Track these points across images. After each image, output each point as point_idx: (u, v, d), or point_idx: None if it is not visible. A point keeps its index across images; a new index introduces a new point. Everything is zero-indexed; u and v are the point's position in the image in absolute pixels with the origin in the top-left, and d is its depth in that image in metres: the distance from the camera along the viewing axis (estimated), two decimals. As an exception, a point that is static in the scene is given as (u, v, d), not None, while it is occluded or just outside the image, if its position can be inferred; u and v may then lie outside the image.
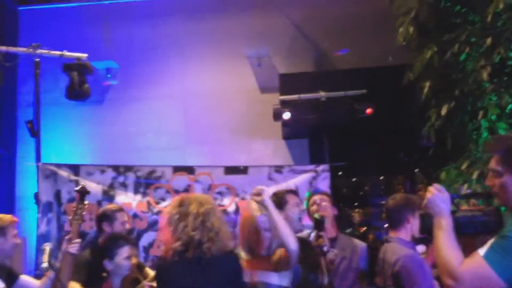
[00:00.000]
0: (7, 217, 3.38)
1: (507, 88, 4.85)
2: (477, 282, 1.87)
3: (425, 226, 2.51)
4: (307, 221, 4.10)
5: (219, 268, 2.48)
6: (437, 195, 2.11)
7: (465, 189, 4.88)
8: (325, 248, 3.23)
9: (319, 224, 3.33)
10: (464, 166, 4.92)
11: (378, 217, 8.45)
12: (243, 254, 2.99)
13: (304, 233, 3.94)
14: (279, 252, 2.91)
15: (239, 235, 3.15)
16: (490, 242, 1.93)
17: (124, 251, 3.11)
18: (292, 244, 2.79)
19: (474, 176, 4.76)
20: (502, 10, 4.77)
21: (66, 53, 5.20)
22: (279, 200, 3.34)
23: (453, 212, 2.16)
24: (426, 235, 3.33)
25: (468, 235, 2.78)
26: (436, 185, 2.16)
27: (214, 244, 2.50)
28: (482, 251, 1.90)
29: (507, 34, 4.78)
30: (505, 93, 4.81)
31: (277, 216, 2.84)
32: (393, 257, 3.00)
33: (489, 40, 4.82)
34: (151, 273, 3.39)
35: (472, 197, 4.13)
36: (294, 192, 3.70)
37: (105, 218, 3.93)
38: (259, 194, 2.85)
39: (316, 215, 3.41)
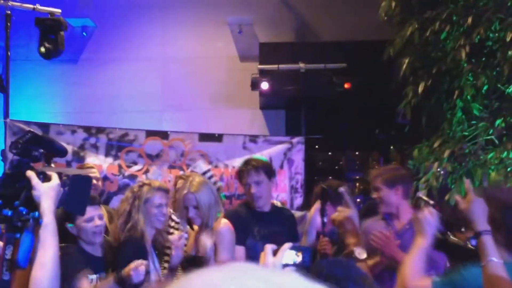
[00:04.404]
0: None
1: (484, 69, 4.85)
2: None
3: None
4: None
5: None
6: (428, 218, 2.22)
7: (435, 168, 4.92)
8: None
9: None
10: (436, 144, 4.94)
11: (352, 191, 8.54)
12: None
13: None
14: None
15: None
16: (449, 273, 2.13)
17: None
18: None
19: (445, 154, 4.79)
20: (485, -11, 4.75)
21: (39, 7, 5.04)
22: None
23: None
24: None
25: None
26: (430, 209, 2.27)
27: None
28: (437, 278, 2.10)
29: (488, 14, 4.75)
30: (481, 74, 4.80)
31: None
32: None
33: (470, 20, 4.78)
34: None
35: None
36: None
37: None
38: None
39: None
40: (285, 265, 1.62)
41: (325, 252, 3.15)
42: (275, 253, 1.61)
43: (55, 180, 1.74)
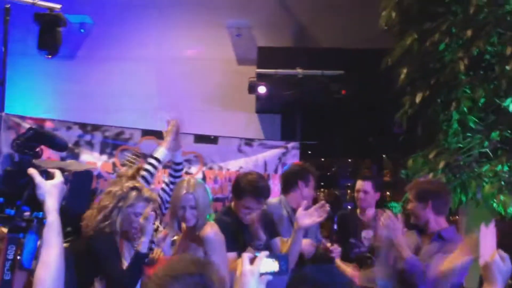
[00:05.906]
0: None
1: (482, 82, 4.89)
2: None
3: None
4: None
5: None
6: (499, 264, 1.90)
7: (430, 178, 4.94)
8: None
9: None
10: (431, 155, 4.97)
11: (344, 198, 8.55)
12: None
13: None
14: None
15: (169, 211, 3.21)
16: None
17: None
18: None
19: (441, 165, 4.81)
20: (485, 3, 4.79)
21: (38, 2, 5.00)
22: None
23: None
24: None
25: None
26: (502, 253, 1.93)
27: None
28: None
29: (487, 28, 4.79)
30: (479, 87, 4.85)
31: None
32: None
33: (469, 32, 4.82)
34: None
35: None
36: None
37: None
38: None
39: None
40: (263, 274, 1.61)
41: (332, 257, 3.29)
42: (252, 261, 1.58)
43: (58, 177, 1.70)
